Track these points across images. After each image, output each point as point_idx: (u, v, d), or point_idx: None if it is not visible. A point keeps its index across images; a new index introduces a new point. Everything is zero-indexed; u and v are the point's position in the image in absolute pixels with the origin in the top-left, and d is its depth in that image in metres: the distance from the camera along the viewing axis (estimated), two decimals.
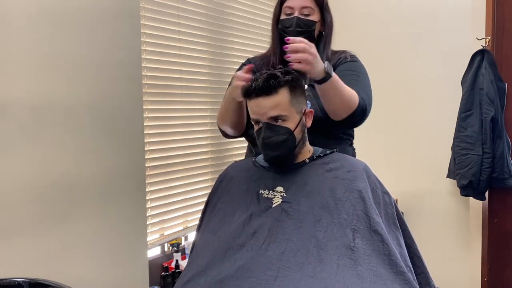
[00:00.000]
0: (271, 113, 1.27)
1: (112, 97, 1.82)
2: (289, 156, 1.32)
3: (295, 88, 1.30)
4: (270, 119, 1.28)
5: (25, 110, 1.55)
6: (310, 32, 1.54)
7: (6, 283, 1.32)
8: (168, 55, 2.30)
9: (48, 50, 1.61)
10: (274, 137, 1.27)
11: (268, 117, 1.27)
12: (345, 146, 1.58)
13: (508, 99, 2.55)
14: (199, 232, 1.41)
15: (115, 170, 1.83)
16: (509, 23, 2.57)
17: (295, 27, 1.52)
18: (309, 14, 1.54)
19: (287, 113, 1.28)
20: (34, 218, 1.58)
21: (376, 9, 2.95)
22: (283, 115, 1.27)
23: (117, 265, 1.85)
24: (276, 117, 1.27)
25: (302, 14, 1.54)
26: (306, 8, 1.54)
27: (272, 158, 1.31)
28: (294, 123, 1.30)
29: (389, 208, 1.31)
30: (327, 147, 1.43)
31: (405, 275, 1.17)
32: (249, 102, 1.31)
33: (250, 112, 1.32)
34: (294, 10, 1.54)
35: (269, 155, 1.30)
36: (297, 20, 1.52)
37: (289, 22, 1.54)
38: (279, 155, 1.30)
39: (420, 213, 2.82)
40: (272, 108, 1.27)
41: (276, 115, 1.27)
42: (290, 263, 1.15)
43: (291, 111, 1.29)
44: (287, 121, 1.29)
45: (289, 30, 1.53)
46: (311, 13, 1.54)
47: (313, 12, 1.55)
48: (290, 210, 1.26)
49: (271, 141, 1.28)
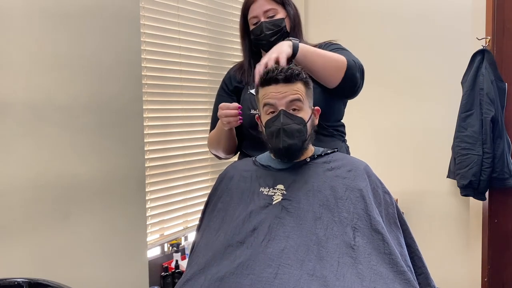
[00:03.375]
0: (291, 96, 1.29)
1: (112, 97, 1.82)
2: (301, 148, 1.32)
3: (308, 85, 1.34)
4: (289, 104, 1.29)
5: (25, 110, 1.55)
6: (281, 30, 1.57)
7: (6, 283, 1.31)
8: (168, 55, 2.30)
9: (48, 50, 1.61)
10: (292, 124, 1.28)
11: (288, 101, 1.29)
12: (338, 143, 1.59)
13: (508, 99, 2.55)
14: (199, 232, 1.40)
15: (115, 170, 1.83)
16: (509, 23, 2.57)
17: (265, 31, 1.56)
18: (274, 15, 1.58)
19: (304, 101, 1.31)
20: (34, 218, 1.58)
21: (376, 9, 2.94)
22: (301, 100, 1.30)
23: (117, 265, 1.85)
24: (295, 101, 1.29)
25: (268, 17, 1.57)
26: (269, 11, 1.57)
27: (289, 145, 1.29)
28: (307, 116, 1.32)
29: (390, 207, 1.31)
30: (320, 144, 1.44)
31: (406, 274, 1.17)
32: (265, 88, 1.32)
33: (264, 98, 1.32)
34: (259, 18, 1.58)
35: (286, 142, 1.28)
36: (264, 24, 1.56)
37: (258, 29, 1.58)
38: (295, 143, 1.29)
39: (420, 213, 2.82)
40: (293, 93, 1.29)
41: (296, 98, 1.29)
42: (290, 260, 1.15)
43: (306, 103, 1.32)
44: (302, 111, 1.31)
45: (261, 36, 1.58)
46: (275, 13, 1.58)
47: (277, 11, 1.58)
48: (290, 207, 1.26)
49: (290, 128, 1.28)
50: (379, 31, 2.93)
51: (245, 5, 1.62)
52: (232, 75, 1.73)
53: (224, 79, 1.76)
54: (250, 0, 1.60)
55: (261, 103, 1.34)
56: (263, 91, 1.33)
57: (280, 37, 1.56)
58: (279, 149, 1.31)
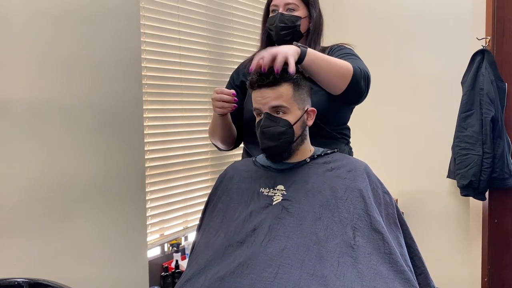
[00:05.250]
0: (273, 102, 1.29)
1: (112, 97, 1.82)
2: (285, 149, 1.32)
3: (300, 85, 1.33)
4: (272, 109, 1.29)
5: (25, 110, 1.55)
6: (295, 28, 1.55)
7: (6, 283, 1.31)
8: (168, 55, 2.30)
9: (48, 50, 1.61)
10: (272, 127, 1.29)
11: (270, 107, 1.29)
12: (342, 146, 1.58)
13: (508, 99, 2.55)
14: (199, 232, 1.40)
15: (115, 170, 1.83)
16: (509, 23, 2.57)
17: (278, 23, 1.54)
18: (293, 10, 1.56)
19: (288, 105, 1.30)
20: (34, 218, 1.58)
21: (376, 9, 2.95)
22: (284, 106, 1.29)
23: (117, 265, 1.85)
24: (277, 107, 1.29)
25: (287, 10, 1.56)
26: (290, 4, 1.55)
27: (269, 147, 1.31)
28: (295, 118, 1.31)
29: (390, 208, 1.31)
30: (321, 147, 1.43)
31: (405, 273, 1.17)
32: (254, 93, 1.33)
33: (254, 103, 1.34)
34: (278, 7, 1.56)
35: (265, 144, 1.31)
36: (280, 16, 1.54)
37: (273, 19, 1.56)
38: (276, 145, 1.30)
39: (420, 213, 2.82)
40: (275, 98, 1.29)
41: (277, 104, 1.29)
42: (290, 260, 1.15)
43: (293, 105, 1.31)
44: (288, 114, 1.30)
45: (273, 27, 1.56)
46: (295, 9, 1.56)
47: (298, 8, 1.56)
48: (291, 207, 1.26)
49: (269, 131, 1.29)
50: (379, 31, 2.93)
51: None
52: (240, 70, 1.72)
53: (233, 73, 1.76)
54: None
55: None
56: (253, 94, 1.34)
57: (290, 34, 1.54)
58: (262, 150, 1.34)
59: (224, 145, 1.71)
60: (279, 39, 1.55)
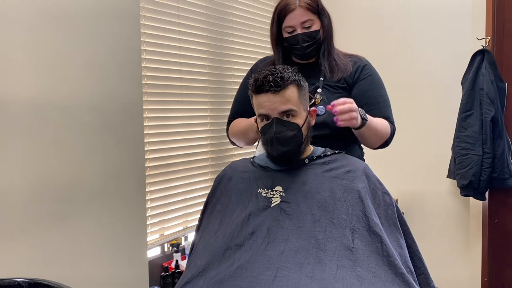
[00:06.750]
0: (282, 107, 1.28)
1: (112, 97, 1.82)
2: (296, 152, 1.33)
3: (302, 86, 1.33)
4: (281, 114, 1.29)
5: (25, 110, 1.55)
6: (317, 41, 1.56)
7: (6, 283, 1.32)
8: (168, 55, 2.30)
9: (48, 50, 1.61)
10: (285, 132, 1.29)
11: (279, 112, 1.29)
12: (356, 148, 1.63)
13: (508, 99, 2.55)
14: (198, 233, 1.40)
15: (115, 170, 1.83)
16: (509, 23, 2.57)
17: (302, 43, 1.55)
18: (310, 26, 1.55)
19: (296, 108, 1.30)
20: (34, 218, 1.58)
21: (376, 9, 2.94)
22: (294, 109, 1.29)
23: (117, 265, 1.85)
24: (287, 111, 1.29)
25: (304, 28, 1.55)
26: (306, 22, 1.54)
27: (283, 153, 1.30)
28: (302, 120, 1.32)
29: (390, 208, 1.30)
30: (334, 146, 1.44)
31: (404, 276, 1.17)
32: (258, 97, 1.31)
33: (258, 107, 1.33)
34: (295, 28, 1.55)
35: (280, 150, 1.30)
36: (301, 36, 1.54)
37: (294, 40, 1.56)
38: (289, 150, 1.30)
39: (420, 213, 2.82)
40: (284, 102, 1.28)
41: (287, 109, 1.29)
42: (289, 263, 1.15)
43: (300, 107, 1.32)
44: (296, 116, 1.31)
45: (297, 47, 1.56)
46: (312, 24, 1.55)
47: (313, 22, 1.55)
48: (289, 210, 1.26)
49: (283, 136, 1.29)
50: (379, 32, 2.93)
51: (281, 13, 1.55)
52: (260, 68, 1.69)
53: (252, 69, 1.73)
54: (287, 9, 1.53)
55: (256, 111, 1.35)
56: (256, 99, 1.32)
57: (313, 47, 1.56)
58: (273, 156, 1.34)
59: (250, 145, 1.72)
60: (305, 55, 1.58)
